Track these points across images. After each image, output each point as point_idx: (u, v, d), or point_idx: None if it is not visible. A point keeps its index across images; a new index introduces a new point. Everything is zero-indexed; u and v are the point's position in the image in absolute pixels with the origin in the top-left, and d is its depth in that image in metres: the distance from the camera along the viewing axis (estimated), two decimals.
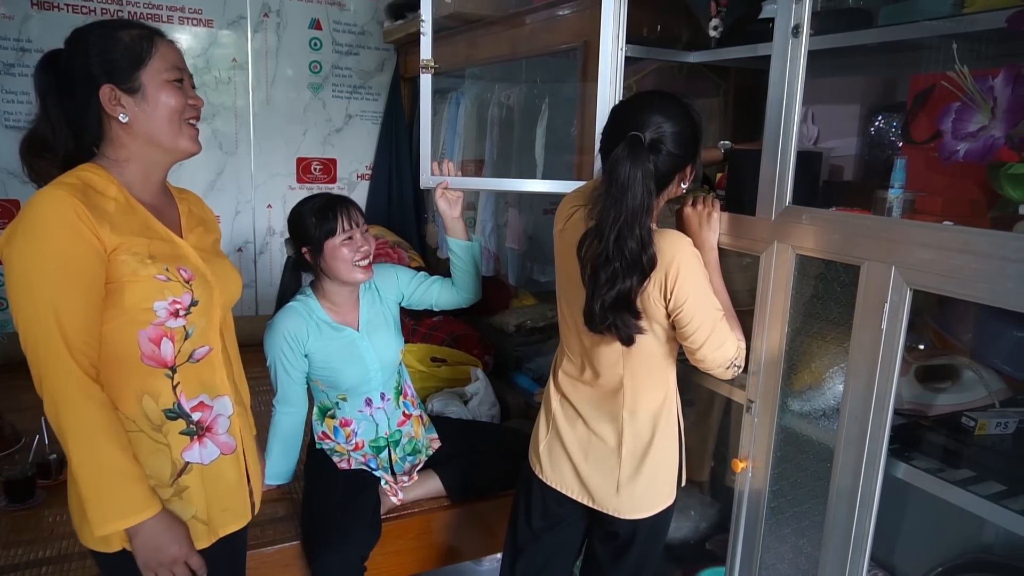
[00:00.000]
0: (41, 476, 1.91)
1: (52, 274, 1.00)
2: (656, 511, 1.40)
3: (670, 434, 1.40)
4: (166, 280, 1.09)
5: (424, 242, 3.61)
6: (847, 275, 1.21)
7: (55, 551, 1.65)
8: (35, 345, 1.02)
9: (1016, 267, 0.95)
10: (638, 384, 1.36)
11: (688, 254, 1.25)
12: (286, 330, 1.74)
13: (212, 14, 3.19)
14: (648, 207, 1.20)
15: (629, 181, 1.18)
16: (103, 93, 1.08)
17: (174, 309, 1.10)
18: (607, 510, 1.40)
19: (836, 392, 1.28)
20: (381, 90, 3.61)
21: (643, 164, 1.19)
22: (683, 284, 1.23)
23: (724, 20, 1.76)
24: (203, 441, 1.16)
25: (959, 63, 1.14)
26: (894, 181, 1.24)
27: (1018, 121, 1.06)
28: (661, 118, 1.23)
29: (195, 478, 1.15)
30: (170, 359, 1.12)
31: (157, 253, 1.10)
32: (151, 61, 1.10)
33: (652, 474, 1.38)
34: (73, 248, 1.01)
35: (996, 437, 1.24)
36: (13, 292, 1.02)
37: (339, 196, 1.79)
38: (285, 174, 3.49)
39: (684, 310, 1.25)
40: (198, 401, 1.16)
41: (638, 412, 1.37)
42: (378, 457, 1.88)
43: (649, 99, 1.28)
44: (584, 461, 1.42)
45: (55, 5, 2.92)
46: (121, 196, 1.10)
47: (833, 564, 1.26)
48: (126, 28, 1.11)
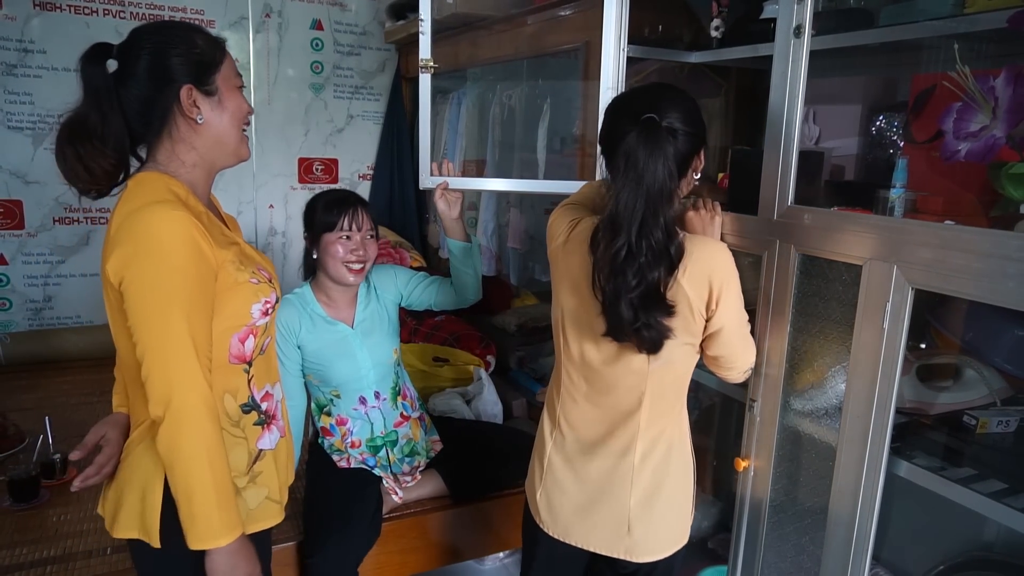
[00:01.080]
0: (45, 476, 1.91)
1: (183, 294, 1.02)
2: (672, 551, 1.30)
3: (684, 466, 1.31)
4: (257, 283, 1.14)
5: (426, 242, 3.62)
6: (849, 274, 1.21)
7: (60, 550, 1.66)
8: (166, 365, 1.02)
9: (1017, 266, 0.95)
10: (658, 408, 1.26)
11: (729, 264, 1.19)
12: (279, 320, 1.75)
13: (214, 14, 3.20)
14: (670, 192, 1.12)
15: (650, 164, 1.10)
16: (183, 93, 1.08)
17: (265, 309, 1.16)
18: (617, 554, 1.29)
19: (838, 391, 1.28)
20: (382, 90, 3.62)
21: (663, 145, 1.11)
22: (727, 299, 1.18)
23: (725, 20, 1.76)
24: (270, 428, 1.22)
25: (960, 63, 1.14)
26: (896, 181, 1.25)
27: (1019, 121, 1.06)
28: (669, 100, 1.17)
29: (267, 463, 1.20)
30: (250, 354, 1.16)
31: (240, 258, 1.14)
32: (223, 66, 1.13)
33: (666, 510, 1.27)
34: (199, 268, 1.04)
35: (997, 435, 1.24)
36: (141, 314, 1.02)
37: (356, 196, 1.80)
38: (287, 174, 3.49)
39: (726, 326, 1.21)
40: (264, 391, 1.21)
41: (656, 440, 1.27)
42: (376, 456, 1.89)
43: (649, 87, 1.25)
44: (587, 502, 1.30)
45: (57, 6, 2.93)
46: (200, 206, 1.12)
47: (835, 562, 1.26)
48: (196, 30, 1.13)
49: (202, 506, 1.04)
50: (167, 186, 1.08)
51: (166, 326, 1.01)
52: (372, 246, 1.79)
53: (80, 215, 3.11)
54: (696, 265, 1.16)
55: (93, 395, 2.54)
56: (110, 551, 1.65)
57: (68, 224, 3.10)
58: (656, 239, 1.11)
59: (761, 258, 1.37)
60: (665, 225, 1.12)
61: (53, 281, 3.14)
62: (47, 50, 2.94)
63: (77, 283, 3.17)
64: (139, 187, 1.08)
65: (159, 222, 1.01)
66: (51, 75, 2.95)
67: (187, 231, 1.02)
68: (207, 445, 1.04)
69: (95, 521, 1.77)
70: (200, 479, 1.03)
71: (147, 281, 1.01)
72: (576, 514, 1.31)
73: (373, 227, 1.81)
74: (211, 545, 1.05)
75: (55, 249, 3.11)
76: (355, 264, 1.75)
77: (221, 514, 1.05)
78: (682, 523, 1.31)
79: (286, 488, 1.29)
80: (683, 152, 1.18)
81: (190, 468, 1.03)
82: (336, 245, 1.73)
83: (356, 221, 1.75)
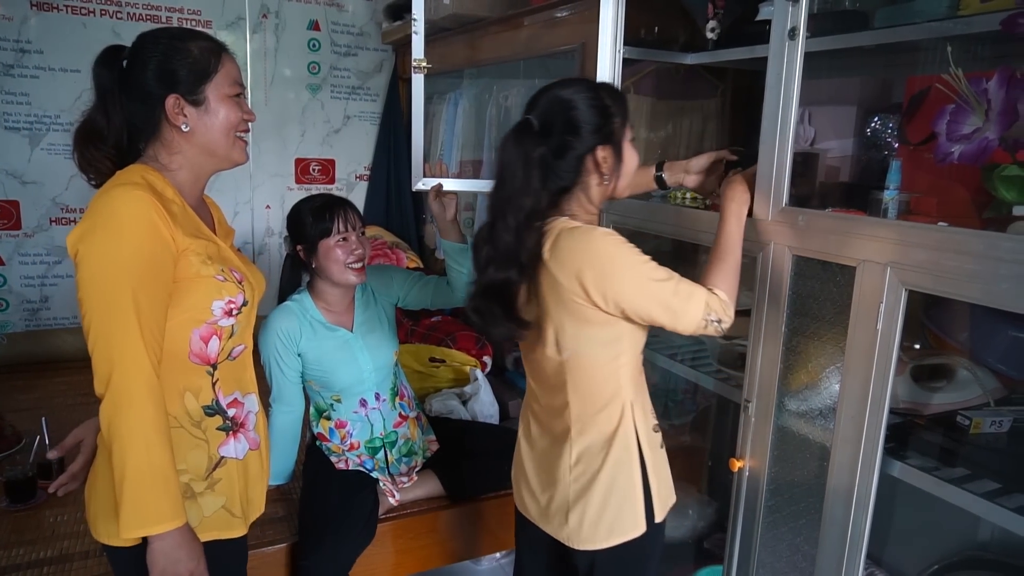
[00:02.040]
0: (42, 476, 1.91)
1: (134, 272, 1.02)
2: (613, 543, 1.24)
3: (626, 460, 1.23)
4: (223, 281, 1.14)
5: (422, 243, 3.62)
6: (843, 275, 1.22)
7: (56, 551, 1.66)
8: (109, 341, 1.02)
9: (1010, 267, 0.96)
10: (587, 399, 1.23)
11: (600, 254, 1.13)
12: (279, 328, 1.76)
13: (211, 15, 3.19)
14: (528, 194, 1.14)
15: (508, 168, 1.14)
16: (168, 102, 1.11)
17: (228, 308, 1.15)
18: (560, 538, 1.28)
19: (832, 391, 1.29)
20: (379, 91, 3.62)
21: (524, 148, 1.14)
22: (611, 286, 1.12)
23: (721, 22, 1.77)
24: (237, 436, 1.21)
25: (953, 65, 1.14)
26: (889, 182, 1.25)
27: (1012, 123, 1.07)
28: (556, 101, 1.17)
29: (229, 472, 1.19)
30: (214, 356, 1.16)
31: (212, 255, 1.14)
32: (216, 76, 1.13)
33: (603, 500, 1.23)
34: (153, 247, 1.04)
35: (991, 436, 1.25)
36: (89, 287, 1.03)
37: (338, 197, 1.81)
38: (284, 175, 3.49)
39: (627, 307, 1.14)
40: (233, 398, 1.20)
41: (585, 430, 1.24)
42: (374, 458, 1.89)
43: (552, 84, 1.21)
44: (538, 481, 1.32)
45: (54, 6, 2.92)
46: (178, 199, 1.14)
47: (830, 562, 1.27)
48: (195, 39, 1.14)
49: (134, 488, 1.01)
50: (142, 174, 1.10)
51: (112, 301, 1.01)
52: (366, 243, 1.81)
53: (77, 216, 3.10)
54: (568, 259, 1.14)
55: (90, 396, 2.46)
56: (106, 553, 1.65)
57: (65, 225, 3.09)
58: (504, 241, 1.15)
59: (756, 259, 1.37)
60: (516, 228, 1.14)
61: (50, 282, 3.14)
62: (44, 50, 2.93)
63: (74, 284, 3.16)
64: (119, 175, 1.10)
65: (119, 201, 1.03)
66: (48, 75, 2.95)
67: (144, 210, 1.03)
68: (144, 427, 1.02)
69: None
70: (135, 461, 1.01)
71: (97, 255, 1.02)
72: (531, 494, 1.35)
73: (363, 224, 1.82)
74: (142, 531, 1.03)
75: (52, 250, 3.10)
76: (356, 264, 1.76)
77: (157, 500, 1.02)
78: (629, 515, 1.24)
79: (255, 504, 1.27)
80: (558, 156, 1.18)
81: (125, 448, 1.01)
82: (336, 249, 1.74)
83: (349, 221, 1.76)
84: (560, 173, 1.20)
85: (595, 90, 1.21)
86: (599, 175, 1.21)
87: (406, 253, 3.31)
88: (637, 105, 2.08)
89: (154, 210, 1.04)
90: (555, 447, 1.29)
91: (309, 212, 1.75)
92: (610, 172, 1.21)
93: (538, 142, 1.16)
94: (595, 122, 1.18)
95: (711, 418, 2.09)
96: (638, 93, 2.08)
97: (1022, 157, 1.11)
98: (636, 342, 1.24)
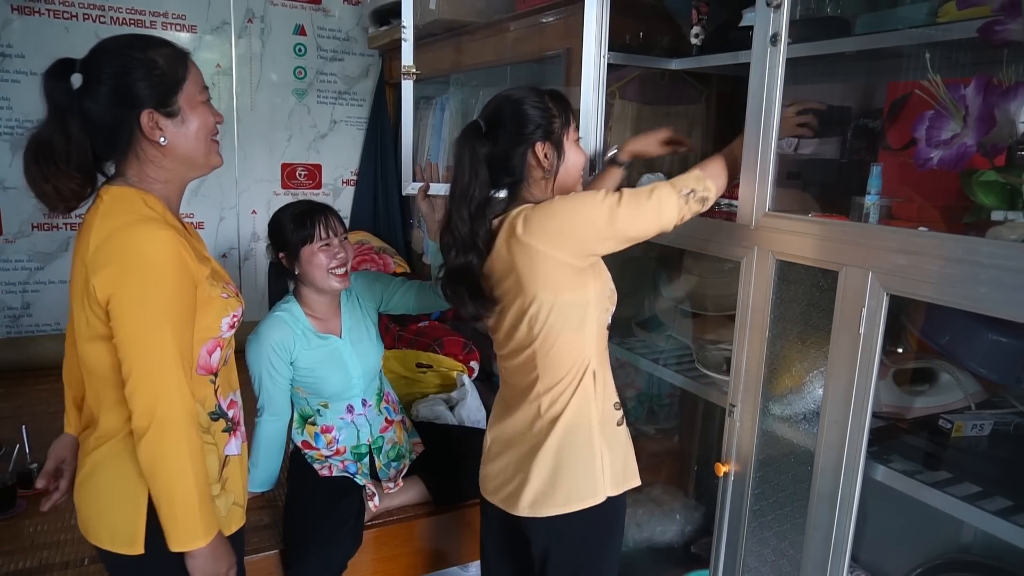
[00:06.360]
0: (22, 485, 1.88)
1: (172, 312, 1.06)
2: (566, 510, 1.30)
3: (584, 427, 1.31)
4: (227, 297, 1.18)
5: (410, 248, 3.61)
6: (826, 280, 1.23)
7: (36, 561, 1.64)
8: (151, 378, 1.05)
9: (989, 272, 0.97)
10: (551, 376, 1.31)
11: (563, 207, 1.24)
12: (273, 340, 1.74)
13: (196, 19, 3.18)
14: (476, 187, 1.27)
15: (460, 164, 1.28)
16: (143, 119, 1.08)
17: (232, 322, 1.19)
18: (510, 509, 1.34)
19: (816, 396, 1.29)
20: (366, 96, 3.61)
21: (470, 146, 1.28)
22: (582, 228, 1.23)
23: (705, 28, 1.77)
24: (236, 434, 1.26)
25: (932, 72, 1.16)
26: (871, 187, 1.26)
27: (989, 129, 1.08)
28: (503, 105, 1.31)
29: (232, 468, 1.24)
30: (216, 366, 1.19)
31: (214, 274, 1.17)
32: (186, 84, 1.11)
33: (555, 464, 1.30)
34: (184, 285, 1.08)
35: (972, 439, 1.26)
36: (129, 331, 1.04)
37: (319, 204, 1.80)
38: (270, 180, 3.47)
39: (612, 234, 1.24)
40: (229, 399, 1.25)
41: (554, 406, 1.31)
42: (359, 463, 1.88)
43: (503, 91, 1.35)
44: (494, 458, 1.41)
45: (36, 11, 2.90)
46: (177, 223, 1.14)
47: (814, 566, 1.27)
48: (158, 48, 1.10)
49: (185, 509, 1.08)
50: (144, 202, 1.09)
51: (155, 344, 1.05)
52: (348, 248, 1.80)
53: (59, 221, 3.07)
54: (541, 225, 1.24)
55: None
56: (87, 562, 1.63)
57: (47, 230, 3.07)
58: (461, 232, 1.28)
59: (739, 264, 1.38)
60: (469, 218, 1.27)
61: (31, 288, 3.10)
62: (25, 55, 2.91)
63: (56, 290, 3.13)
64: (117, 203, 1.08)
65: (148, 241, 1.04)
66: (29, 80, 2.92)
67: (175, 249, 1.06)
68: (190, 452, 1.08)
69: (72, 532, 1.75)
70: (183, 484, 1.07)
71: (137, 300, 1.03)
72: (488, 472, 1.43)
73: (344, 229, 1.81)
74: (193, 546, 1.10)
75: (34, 255, 3.07)
76: (339, 269, 1.76)
77: (204, 517, 1.10)
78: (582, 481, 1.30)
79: (246, 492, 1.33)
80: (504, 151, 1.30)
81: (173, 475, 1.07)
82: (319, 255, 1.73)
83: (331, 227, 1.76)
84: (508, 168, 1.32)
85: (540, 95, 1.32)
86: (542, 169, 1.33)
87: (393, 258, 3.31)
88: (622, 110, 2.08)
89: (181, 247, 1.07)
90: (522, 421, 1.36)
91: (290, 219, 1.75)
92: (551, 167, 1.32)
93: (484, 141, 1.30)
94: (536, 121, 1.30)
95: (697, 422, 2.09)
96: (623, 98, 2.09)
97: (1000, 163, 1.12)
98: (601, 310, 1.34)
